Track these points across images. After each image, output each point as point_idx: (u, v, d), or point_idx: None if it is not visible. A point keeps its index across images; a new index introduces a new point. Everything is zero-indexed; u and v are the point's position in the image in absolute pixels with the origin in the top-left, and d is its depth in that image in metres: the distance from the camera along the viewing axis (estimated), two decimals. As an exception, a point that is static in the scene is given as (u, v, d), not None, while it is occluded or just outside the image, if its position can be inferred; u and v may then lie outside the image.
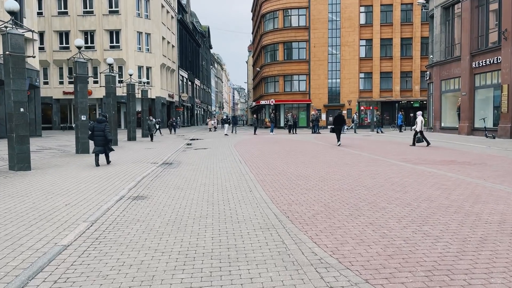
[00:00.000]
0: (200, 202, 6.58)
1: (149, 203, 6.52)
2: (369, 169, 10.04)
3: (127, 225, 5.20)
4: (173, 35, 53.84)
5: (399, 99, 46.09)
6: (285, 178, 8.88)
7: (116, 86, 20.84)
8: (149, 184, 8.35)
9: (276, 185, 8.00)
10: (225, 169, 10.60)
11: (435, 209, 5.79)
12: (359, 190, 7.27)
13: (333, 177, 8.82)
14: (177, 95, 56.05)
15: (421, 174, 9.21)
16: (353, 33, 45.97)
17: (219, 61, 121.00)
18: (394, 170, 9.81)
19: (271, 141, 21.77)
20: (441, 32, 26.95)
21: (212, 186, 8.02)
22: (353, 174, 9.32)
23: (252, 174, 9.59)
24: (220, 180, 8.74)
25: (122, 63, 42.96)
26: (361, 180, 8.37)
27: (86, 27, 43.68)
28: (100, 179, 8.89)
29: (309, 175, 9.17)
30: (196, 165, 11.65)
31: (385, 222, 5.13)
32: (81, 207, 6.19)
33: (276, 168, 10.52)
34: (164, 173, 10.04)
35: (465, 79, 23.95)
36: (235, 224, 5.17)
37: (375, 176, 8.95)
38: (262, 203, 6.37)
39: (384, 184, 7.85)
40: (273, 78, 49.47)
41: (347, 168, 10.30)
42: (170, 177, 9.32)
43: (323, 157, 13.12)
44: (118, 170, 10.50)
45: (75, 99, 15.53)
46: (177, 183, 8.44)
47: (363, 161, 11.96)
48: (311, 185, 7.87)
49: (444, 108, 27.36)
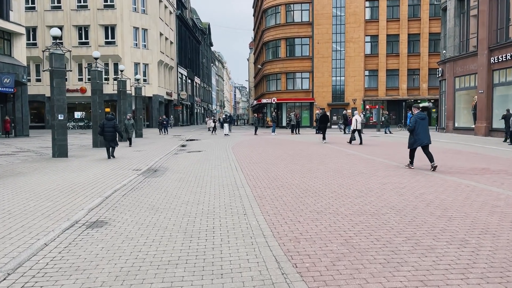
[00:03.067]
0: (175, 233, 4.85)
1: (105, 235, 4.80)
2: (390, 180, 8.30)
3: (54, 282, 3.47)
4: (172, 31, 52.09)
5: (406, 98, 44.24)
6: (289, 192, 7.14)
7: (103, 82, 19.10)
8: (118, 202, 6.62)
9: (278, 204, 6.27)
10: (217, 179, 8.87)
11: (508, 251, 4.05)
12: (388, 215, 5.52)
13: (349, 193, 7.08)
14: (176, 93, 54.33)
15: (457, 188, 7.45)
16: (358, 29, 44.12)
17: (220, 59, 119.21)
18: (422, 182, 8.05)
19: (273, 143, 20.03)
20: (455, 26, 25.13)
21: (196, 206, 6.29)
22: (373, 187, 7.58)
23: (248, 186, 7.86)
24: (208, 196, 7.01)
25: (118, 60, 41.27)
26: (385, 197, 6.63)
27: (80, 22, 42.01)
28: (61, 193, 7.18)
29: (318, 189, 7.43)
30: (184, 173, 9.93)
31: (444, 280, 3.39)
32: (7, 242, 4.47)
33: (278, 178, 8.79)
34: (143, 185, 8.31)
35: (483, 75, 22.14)
36: (217, 280, 3.44)
37: (401, 190, 7.21)
38: (259, 236, 4.63)
39: (417, 205, 6.10)
40: (275, 76, 47.68)
41: (363, 179, 8.55)
42: (148, 191, 7.60)
43: (332, 163, 11.37)
44: (90, 178, 8.78)
45: (51, 96, 13.81)
46: (153, 201, 6.71)
47: (380, 168, 10.21)
48: (322, 205, 6.13)
49: (458, 107, 25.56)
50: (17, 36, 27.49)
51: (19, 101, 27.87)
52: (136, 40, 43.17)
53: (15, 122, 27.69)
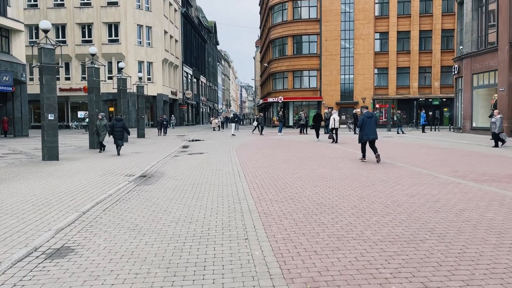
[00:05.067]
0: (154, 269, 3.73)
1: (63, 271, 3.69)
2: (418, 191, 7.11)
3: None
4: (177, 29, 51.08)
5: (417, 96, 42.78)
6: (300, 207, 6.00)
7: (100, 80, 18.08)
8: (96, 219, 5.53)
9: (287, 224, 5.12)
10: (217, 188, 7.75)
11: None
12: (428, 242, 4.35)
13: (372, 208, 5.91)
14: (181, 92, 53.33)
15: (503, 202, 6.25)
16: (368, 26, 42.74)
17: (226, 58, 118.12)
18: (457, 194, 6.86)
19: (280, 145, 18.86)
20: (472, 20, 23.75)
21: (188, 225, 5.17)
22: (400, 200, 6.40)
23: (252, 198, 6.73)
24: (204, 211, 5.89)
25: (122, 58, 40.28)
26: (418, 215, 5.46)
27: (83, 19, 41.15)
28: (32, 207, 6.10)
29: (335, 203, 6.28)
30: (181, 180, 8.82)
31: None
32: None
33: (286, 187, 7.64)
34: (131, 195, 7.22)
35: (504, 72, 20.76)
36: None
37: (435, 205, 6.02)
38: (264, 277, 3.49)
39: (462, 227, 4.92)
40: (282, 74, 46.46)
41: (385, 188, 7.38)
42: (135, 203, 6.50)
43: (348, 168, 10.20)
44: (74, 187, 7.70)
45: (41, 94, 12.80)
46: (137, 217, 5.60)
47: (403, 175, 9.01)
48: (343, 226, 4.98)
49: (476, 106, 24.17)
50: (15, 33, 26.61)
51: (18, 101, 27.01)
52: (140, 38, 42.22)
53: (14, 122, 26.83)
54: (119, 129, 14.42)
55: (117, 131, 14.39)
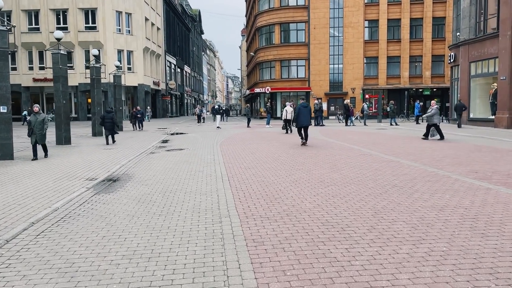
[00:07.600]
0: None
1: None
2: (446, 202, 5.70)
3: None
4: (158, 17, 48.80)
5: (408, 86, 41.65)
6: (300, 229, 4.52)
7: (67, 68, 16.26)
8: (15, 256, 3.95)
9: (285, 261, 3.64)
10: (193, 197, 6.23)
11: None
12: (500, 297, 2.93)
13: (396, 230, 4.47)
14: (164, 83, 51.23)
15: (557, 217, 4.88)
16: (357, 13, 41.28)
17: (211, 47, 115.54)
18: (495, 205, 5.46)
19: (269, 139, 17.36)
20: (470, 5, 22.48)
21: (144, 267, 3.64)
22: (428, 216, 4.97)
23: (237, 215, 5.22)
24: (171, 238, 4.36)
25: (100, 47, 38.08)
26: (460, 242, 4.03)
27: (57, 5, 38.68)
28: None
29: (345, 222, 4.81)
30: (151, 185, 7.26)
31: None
32: None
33: (280, 197, 6.15)
34: (83, 209, 5.64)
35: (505, 60, 19.58)
36: None
37: (477, 224, 4.61)
38: None
39: (532, 263, 3.51)
40: (269, 64, 44.79)
41: (403, 198, 5.95)
42: (84, 223, 4.93)
43: (348, 168, 8.76)
44: (14, 197, 6.07)
45: (-10, 83, 10.98)
46: (78, 248, 4.04)
47: (416, 176, 7.61)
48: (363, 264, 3.52)
49: (474, 96, 23.03)
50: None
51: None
52: (119, 25, 39.99)
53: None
54: (109, 120, 15.38)
55: (107, 122, 15.42)
